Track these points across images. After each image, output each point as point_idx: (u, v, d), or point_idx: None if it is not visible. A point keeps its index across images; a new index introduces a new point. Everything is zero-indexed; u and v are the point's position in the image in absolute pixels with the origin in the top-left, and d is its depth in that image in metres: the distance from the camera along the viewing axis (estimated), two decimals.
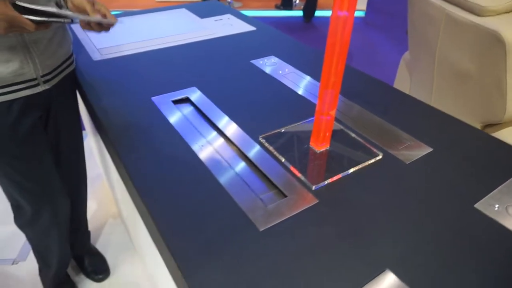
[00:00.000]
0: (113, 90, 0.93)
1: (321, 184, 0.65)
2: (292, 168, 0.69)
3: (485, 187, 0.65)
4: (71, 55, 0.96)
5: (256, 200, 0.62)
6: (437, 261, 0.52)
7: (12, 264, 1.42)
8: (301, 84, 0.98)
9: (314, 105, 0.88)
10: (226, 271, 0.50)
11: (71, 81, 0.99)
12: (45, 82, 0.86)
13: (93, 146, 1.70)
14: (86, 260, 1.36)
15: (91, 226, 1.57)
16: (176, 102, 0.89)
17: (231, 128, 0.79)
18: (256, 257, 0.52)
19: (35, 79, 0.83)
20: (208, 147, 0.74)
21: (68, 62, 0.94)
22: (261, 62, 1.09)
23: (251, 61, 1.09)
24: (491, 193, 0.64)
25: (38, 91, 0.85)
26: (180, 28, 1.30)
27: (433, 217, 0.59)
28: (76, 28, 1.27)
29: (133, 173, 0.67)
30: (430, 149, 0.74)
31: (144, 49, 1.14)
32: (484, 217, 0.60)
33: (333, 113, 0.69)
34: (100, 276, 1.34)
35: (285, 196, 0.63)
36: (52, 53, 0.86)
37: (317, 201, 0.62)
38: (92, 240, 1.45)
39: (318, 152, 0.73)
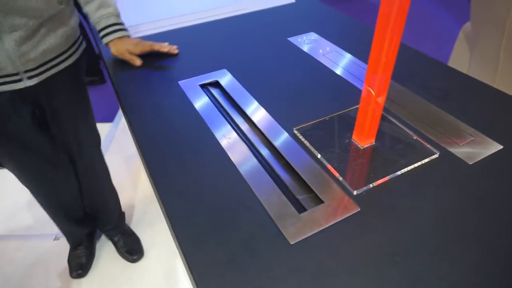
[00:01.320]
0: (138, 73, 0.88)
1: (364, 188, 0.56)
2: (330, 167, 0.60)
3: None
4: (71, 47, 0.88)
5: (286, 205, 0.54)
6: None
7: (54, 239, 1.47)
8: (344, 65, 0.86)
9: (358, 90, 0.77)
10: None
11: (73, 74, 0.91)
12: (30, 78, 0.79)
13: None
14: (121, 240, 1.37)
15: (126, 204, 1.59)
16: (204, 86, 0.82)
17: (262, 118, 0.71)
18: (286, 275, 0.45)
19: (17, 74, 0.77)
20: (235, 139, 0.66)
21: (67, 54, 0.86)
22: (299, 39, 0.98)
23: (289, 38, 0.98)
24: None
25: (20, 87, 0.79)
26: (207, 3, 1.20)
27: (505, 235, 0.49)
28: None
29: (154, 171, 0.61)
30: (500, 147, 0.62)
31: (168, 28, 1.06)
32: None
33: (382, 101, 0.58)
34: (135, 257, 1.35)
35: (321, 201, 0.54)
36: (36, 46, 0.77)
37: (359, 209, 0.53)
38: (127, 219, 1.47)
39: (361, 148, 0.63)
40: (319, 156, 0.62)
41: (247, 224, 0.52)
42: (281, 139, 0.66)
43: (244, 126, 0.71)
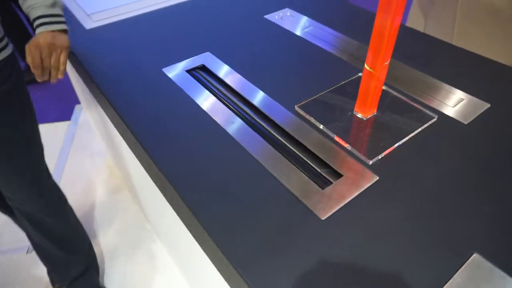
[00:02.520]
0: (116, 62, 0.82)
1: (377, 157, 0.57)
2: (339, 140, 0.61)
3: None
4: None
5: (308, 183, 0.54)
6: None
7: (27, 253, 1.37)
8: (326, 38, 0.86)
9: (347, 64, 0.78)
10: (293, 274, 0.44)
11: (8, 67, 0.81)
12: None
13: (91, 121, 1.59)
14: None
15: (101, 208, 1.51)
16: (190, 71, 0.79)
17: (261, 99, 0.70)
18: (325, 251, 0.46)
19: None
20: (239, 123, 0.65)
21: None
22: (276, 16, 0.96)
23: (265, 16, 0.97)
24: None
25: None
26: None
27: (507, 183, 0.53)
28: None
29: (159, 161, 0.58)
30: (488, 105, 0.66)
31: (143, 11, 1.00)
32: None
33: (383, 78, 0.59)
34: None
35: (340, 175, 0.55)
36: None
37: (378, 178, 0.54)
38: (102, 224, 1.40)
39: (365, 119, 0.64)
40: (326, 130, 0.63)
41: (273, 206, 0.51)
42: (285, 118, 0.65)
43: (245, 109, 0.69)
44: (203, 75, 0.78)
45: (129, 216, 1.49)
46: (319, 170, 0.57)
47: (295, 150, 0.60)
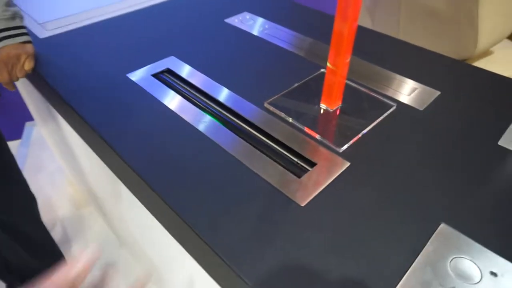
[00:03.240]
0: (77, 71, 0.80)
1: (346, 145, 0.61)
2: (309, 131, 0.63)
3: (502, 121, 0.65)
4: None
5: (285, 173, 0.56)
6: (485, 201, 0.52)
7: None
8: (287, 40, 0.90)
9: (307, 60, 0.82)
10: (281, 258, 0.45)
11: None
12: None
13: (46, 137, 1.52)
14: None
15: (67, 225, 1.44)
16: (156, 75, 0.78)
17: (230, 98, 0.71)
18: (310, 235, 0.48)
19: None
20: (210, 121, 0.66)
21: None
22: (236, 20, 0.99)
23: (225, 20, 0.99)
24: (510, 127, 0.64)
25: None
26: None
27: (466, 158, 0.58)
28: None
29: (135, 165, 0.58)
30: (438, 92, 0.73)
31: (99, 18, 0.98)
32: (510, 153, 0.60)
33: (345, 74, 0.63)
34: None
35: (314, 163, 0.58)
36: None
37: (349, 164, 0.58)
38: (69, 241, 1.34)
39: (331, 111, 0.68)
40: (296, 123, 0.65)
41: (254, 198, 0.53)
42: (256, 114, 0.67)
43: (217, 110, 0.70)
44: (169, 78, 0.78)
45: (94, 231, 1.43)
46: (294, 160, 0.59)
47: (268, 144, 0.62)
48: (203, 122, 0.65)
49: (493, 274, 0.44)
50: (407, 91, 0.73)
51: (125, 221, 1.07)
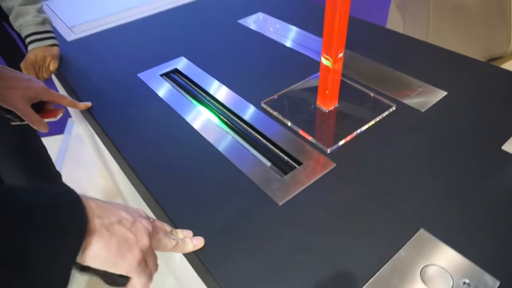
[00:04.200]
0: (95, 70, 0.86)
1: (336, 146, 0.60)
2: (301, 132, 0.64)
3: (509, 125, 0.61)
4: None
5: (269, 172, 0.57)
6: (471, 212, 0.49)
7: None
8: (296, 39, 0.90)
9: (313, 60, 0.82)
10: (249, 255, 0.47)
11: None
12: None
13: (82, 133, 1.63)
14: None
15: None
16: (164, 75, 0.82)
17: (229, 97, 0.73)
18: (280, 234, 0.49)
19: None
20: (206, 120, 0.68)
21: None
22: (248, 21, 1.00)
23: (239, 21, 1.00)
24: None
25: None
26: None
27: (461, 166, 0.55)
28: (44, 8, 1.15)
29: (131, 160, 0.61)
30: (445, 93, 0.69)
31: (121, 22, 1.04)
32: None
33: (339, 69, 0.63)
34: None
35: (300, 163, 0.58)
36: None
37: (335, 165, 0.57)
38: None
39: (326, 111, 0.67)
40: (289, 123, 0.65)
41: (235, 195, 0.54)
42: (251, 113, 0.69)
43: (214, 107, 0.72)
44: (176, 77, 0.82)
45: None
46: (281, 159, 0.60)
47: (259, 142, 0.63)
48: (199, 120, 0.68)
49: (466, 284, 0.42)
50: (410, 91, 0.71)
51: None
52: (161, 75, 0.82)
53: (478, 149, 0.58)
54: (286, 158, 0.60)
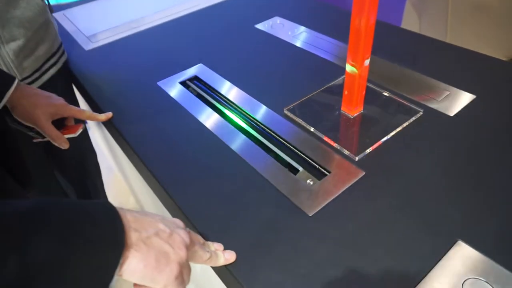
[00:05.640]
0: (114, 79, 0.86)
1: (364, 153, 0.59)
2: (327, 139, 0.62)
3: None
4: (57, 51, 0.87)
5: (297, 182, 0.56)
6: (510, 221, 0.47)
7: None
8: (316, 43, 0.89)
9: (334, 65, 0.80)
10: (281, 268, 0.45)
11: (62, 79, 0.89)
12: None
13: (98, 140, 1.64)
14: None
15: None
16: (184, 83, 0.82)
17: (251, 104, 0.72)
18: (311, 247, 0.47)
19: None
20: (229, 128, 0.67)
21: (53, 60, 0.84)
22: (266, 25, 0.99)
23: (256, 25, 1.00)
24: None
25: None
26: (169, 1, 1.18)
27: (497, 173, 0.54)
28: (62, 18, 1.17)
29: (157, 172, 0.61)
30: (473, 96, 0.67)
31: (137, 30, 1.04)
32: None
33: (365, 75, 0.61)
34: None
35: (328, 172, 0.57)
36: (31, 54, 0.77)
37: (364, 173, 0.56)
38: None
39: (351, 117, 0.66)
40: (314, 130, 0.64)
41: (263, 206, 0.53)
42: (274, 121, 0.68)
43: (236, 116, 0.72)
44: (195, 85, 0.81)
45: None
46: (308, 168, 0.59)
47: (283, 151, 0.62)
48: (222, 128, 0.67)
49: None
50: (438, 95, 0.69)
51: None
52: (181, 83, 0.81)
53: (510, 156, 0.56)
54: (316, 165, 0.59)
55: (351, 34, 0.57)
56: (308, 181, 0.56)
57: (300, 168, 0.59)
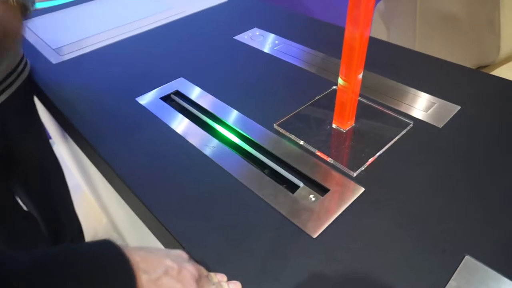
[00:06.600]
0: (87, 96, 0.80)
1: (361, 168, 0.58)
2: (323, 155, 0.61)
3: None
4: (18, 65, 0.80)
5: (295, 201, 0.54)
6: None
7: None
8: (298, 56, 0.88)
9: (319, 77, 0.80)
10: None
11: (23, 95, 0.83)
12: None
13: (64, 156, 1.54)
14: None
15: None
16: (165, 98, 0.77)
17: (238, 119, 0.70)
18: (318, 271, 0.45)
19: None
20: (219, 146, 0.64)
21: (13, 76, 0.78)
22: (245, 37, 0.97)
23: (234, 37, 0.97)
24: None
25: None
26: (143, 11, 1.14)
27: (495, 183, 0.54)
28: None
29: (143, 196, 0.56)
30: (458, 107, 0.69)
31: (109, 42, 0.98)
32: None
33: (357, 89, 0.61)
34: None
35: (327, 189, 0.55)
36: None
37: (364, 189, 0.55)
38: None
39: (344, 131, 0.65)
40: (307, 146, 0.63)
41: (264, 229, 0.50)
42: (265, 137, 0.65)
43: (223, 131, 0.69)
44: (177, 101, 0.77)
45: None
46: (306, 187, 0.57)
47: (278, 169, 0.60)
48: (210, 147, 0.64)
49: None
50: (424, 106, 0.69)
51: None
52: (161, 98, 0.77)
53: (505, 165, 0.57)
54: (315, 183, 0.57)
55: (345, 48, 0.56)
56: (311, 196, 0.54)
57: (301, 184, 0.56)
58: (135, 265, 0.32)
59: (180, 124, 0.70)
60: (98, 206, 1.55)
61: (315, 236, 0.49)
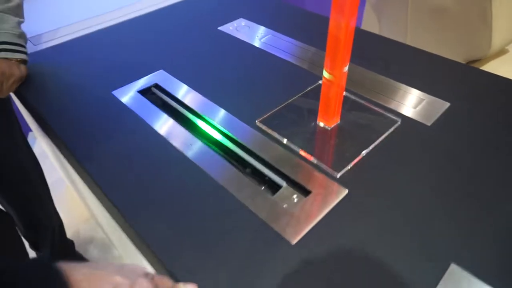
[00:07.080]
0: (60, 88, 0.76)
1: (345, 169, 0.55)
2: (306, 155, 0.58)
3: None
4: None
5: (275, 204, 0.51)
6: (503, 238, 0.45)
7: None
8: (285, 48, 0.84)
9: (305, 70, 0.76)
10: None
11: None
12: None
13: (46, 150, 1.49)
14: None
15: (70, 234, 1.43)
16: (143, 92, 0.74)
17: (220, 116, 0.66)
18: (297, 280, 0.42)
19: None
20: (198, 144, 0.61)
21: None
22: (230, 27, 0.93)
23: (219, 28, 0.93)
24: None
25: None
26: (117, 1, 1.08)
27: (483, 185, 0.52)
28: None
29: (116, 199, 0.53)
30: (448, 104, 0.66)
31: (86, 31, 0.94)
32: None
33: (343, 83, 0.57)
34: None
35: (308, 191, 0.52)
36: None
37: (347, 191, 0.52)
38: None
39: (329, 129, 0.62)
40: (290, 144, 0.60)
41: (242, 234, 0.47)
42: (246, 134, 0.62)
43: (204, 128, 0.65)
44: (157, 95, 0.73)
45: (97, 243, 1.40)
46: (287, 189, 0.54)
47: (259, 169, 0.57)
48: (189, 145, 0.60)
49: None
50: (413, 103, 0.67)
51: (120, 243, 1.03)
52: (139, 92, 0.73)
53: (498, 165, 0.54)
54: (296, 184, 0.54)
55: (329, 40, 0.52)
56: (294, 196, 0.51)
57: (284, 184, 0.54)
58: (76, 284, 0.28)
59: (159, 121, 0.66)
60: (81, 201, 1.51)
61: (294, 242, 0.46)
